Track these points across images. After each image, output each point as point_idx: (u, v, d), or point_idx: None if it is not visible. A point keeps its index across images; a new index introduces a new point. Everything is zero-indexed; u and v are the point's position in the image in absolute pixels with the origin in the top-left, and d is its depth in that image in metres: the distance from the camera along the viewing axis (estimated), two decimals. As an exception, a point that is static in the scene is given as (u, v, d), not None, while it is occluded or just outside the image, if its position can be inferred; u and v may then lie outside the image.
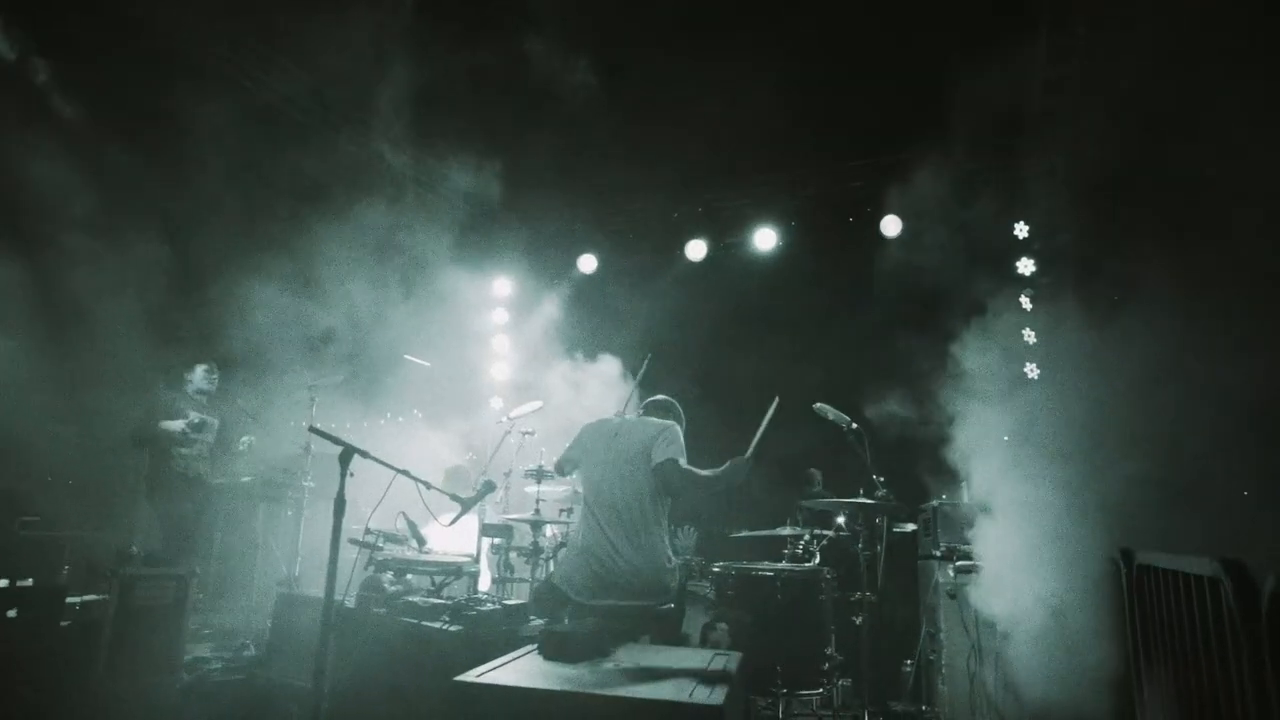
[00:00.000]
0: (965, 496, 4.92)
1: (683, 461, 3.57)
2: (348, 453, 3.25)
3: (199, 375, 5.67)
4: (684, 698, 2.44)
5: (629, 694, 2.43)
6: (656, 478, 3.56)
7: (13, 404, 5.56)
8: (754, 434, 3.57)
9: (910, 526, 5.35)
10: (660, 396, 4.04)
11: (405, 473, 3.52)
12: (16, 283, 5.46)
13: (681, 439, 3.69)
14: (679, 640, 3.89)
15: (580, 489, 3.82)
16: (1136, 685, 3.42)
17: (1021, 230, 6.91)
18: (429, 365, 8.37)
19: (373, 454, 3.31)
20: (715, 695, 2.48)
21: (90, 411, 5.75)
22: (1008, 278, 6.59)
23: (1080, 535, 4.19)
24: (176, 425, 5.38)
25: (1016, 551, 4.41)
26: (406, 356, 8.16)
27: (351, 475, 3.26)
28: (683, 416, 3.97)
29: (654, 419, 3.86)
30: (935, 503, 5.03)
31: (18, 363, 5.70)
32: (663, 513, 3.70)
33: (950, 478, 4.90)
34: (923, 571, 5.37)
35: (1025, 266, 6.89)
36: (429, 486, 3.64)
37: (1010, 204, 6.71)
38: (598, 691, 2.44)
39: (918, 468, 5.23)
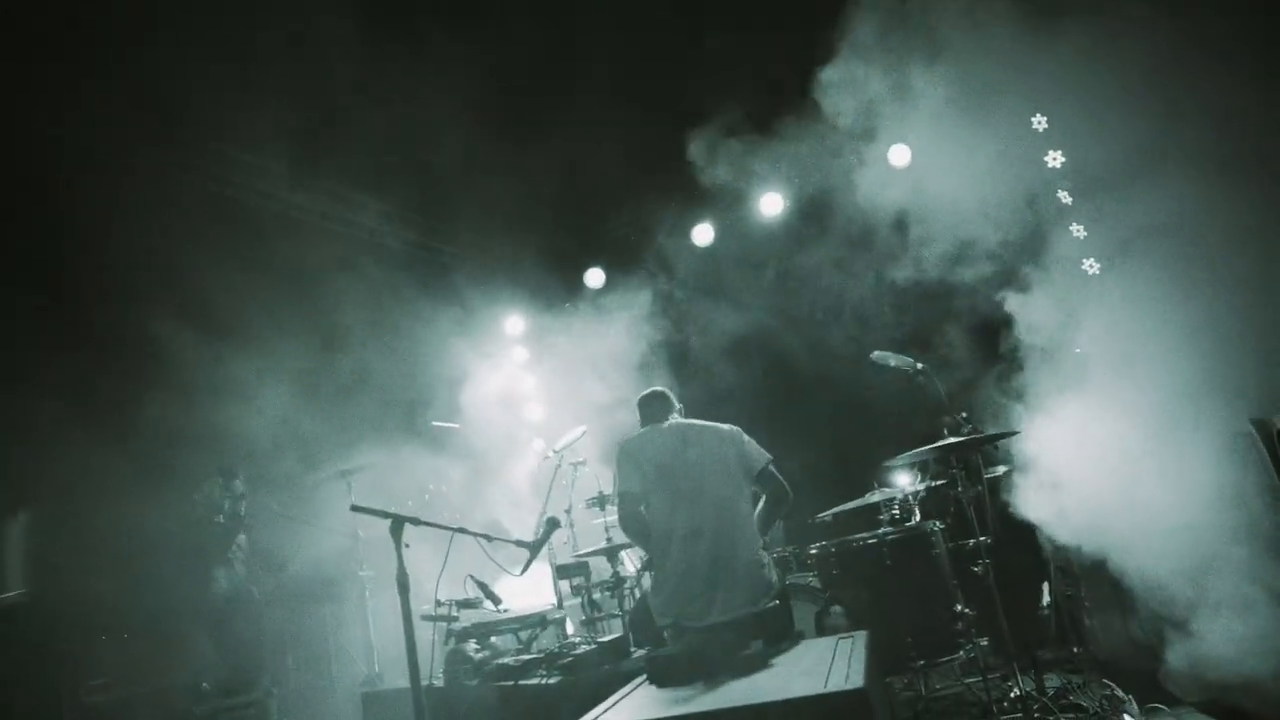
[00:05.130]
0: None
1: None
2: (398, 523, 3.22)
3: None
4: (821, 688, 2.32)
5: (763, 699, 2.31)
6: (760, 484, 3.70)
7: (50, 571, 5.62)
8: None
9: (1001, 468, 5.15)
10: (654, 390, 4.05)
11: (462, 530, 3.46)
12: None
13: None
14: (793, 638, 3.77)
15: (647, 508, 3.70)
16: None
17: (1041, 123, 6.71)
18: (458, 427, 8.34)
19: (423, 519, 3.27)
20: (854, 678, 2.36)
21: (124, 560, 5.79)
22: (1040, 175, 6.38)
23: (1193, 427, 4.02)
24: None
25: (1128, 464, 4.25)
26: (434, 424, 8.14)
27: (408, 546, 3.21)
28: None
29: (706, 422, 3.83)
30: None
31: (43, 528, 5.78)
32: (751, 511, 3.67)
33: (1027, 405, 4.75)
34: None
35: (1055, 159, 6.69)
36: (490, 539, 3.56)
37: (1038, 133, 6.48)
38: (730, 705, 2.32)
39: (990, 403, 5.08)
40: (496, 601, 4.13)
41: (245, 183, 6.81)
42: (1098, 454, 4.33)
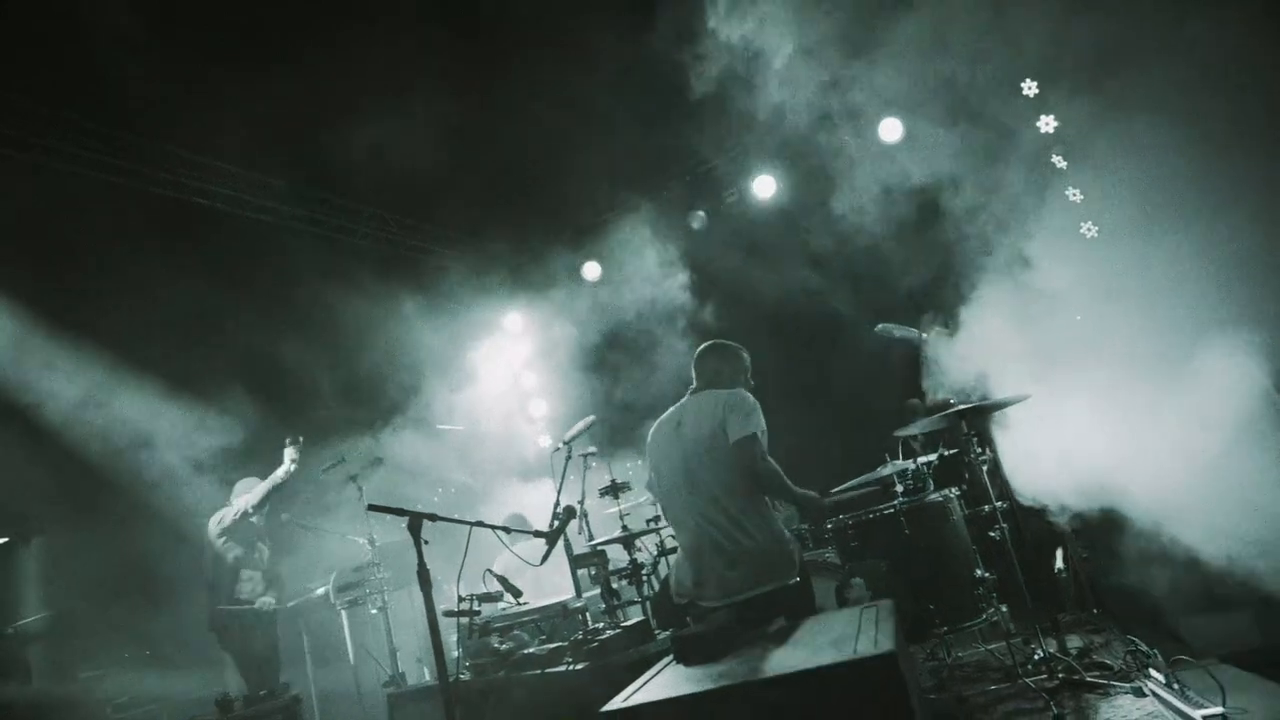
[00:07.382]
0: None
1: (762, 438, 3.32)
2: (415, 520, 3.22)
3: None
4: (850, 655, 2.32)
5: (795, 669, 2.32)
6: (735, 455, 3.32)
7: (68, 598, 5.64)
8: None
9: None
10: (702, 347, 3.73)
11: (480, 523, 3.47)
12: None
13: (753, 406, 3.40)
14: (815, 613, 3.76)
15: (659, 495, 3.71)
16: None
17: (1031, 88, 6.71)
18: (463, 429, 8.35)
19: (440, 514, 3.28)
20: (883, 643, 2.37)
21: (140, 580, 5.82)
22: (1032, 141, 6.39)
23: (1210, 381, 4.03)
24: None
25: (1135, 419, 4.25)
26: (439, 427, 8.16)
27: (427, 543, 3.21)
28: (744, 357, 3.70)
29: (716, 390, 3.62)
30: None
31: (61, 555, 5.81)
32: (751, 485, 3.55)
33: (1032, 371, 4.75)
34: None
35: (1047, 124, 6.69)
36: (509, 530, 3.58)
37: (1011, 64, 6.50)
38: (762, 676, 2.33)
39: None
40: (517, 594, 4.15)
41: (228, 193, 6.81)
42: (1104, 411, 4.34)
